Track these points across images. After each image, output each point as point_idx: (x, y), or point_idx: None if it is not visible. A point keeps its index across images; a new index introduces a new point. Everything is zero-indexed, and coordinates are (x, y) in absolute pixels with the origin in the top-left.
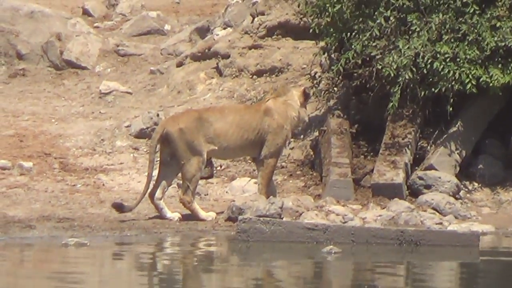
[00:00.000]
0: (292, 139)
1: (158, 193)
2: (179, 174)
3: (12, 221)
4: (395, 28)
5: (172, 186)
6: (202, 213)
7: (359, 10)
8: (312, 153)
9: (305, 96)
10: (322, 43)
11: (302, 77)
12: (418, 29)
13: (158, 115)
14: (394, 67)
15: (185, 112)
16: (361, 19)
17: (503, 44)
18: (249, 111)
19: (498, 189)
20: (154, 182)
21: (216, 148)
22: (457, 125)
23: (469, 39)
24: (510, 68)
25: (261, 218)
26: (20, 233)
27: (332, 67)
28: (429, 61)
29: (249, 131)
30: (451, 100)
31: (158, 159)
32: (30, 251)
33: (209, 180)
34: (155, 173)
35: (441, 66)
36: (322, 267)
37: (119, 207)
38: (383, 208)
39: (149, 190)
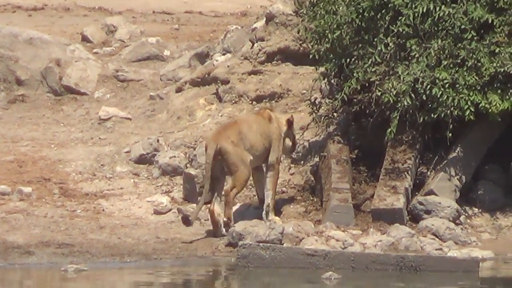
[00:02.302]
0: (292, 165)
1: (218, 209)
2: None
3: (11, 246)
4: (394, 54)
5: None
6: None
7: (358, 36)
8: (312, 178)
9: (289, 124)
10: (322, 69)
11: (302, 103)
12: (417, 55)
13: (158, 140)
14: (394, 93)
15: (226, 127)
16: (360, 45)
17: (502, 70)
18: (261, 119)
19: (498, 214)
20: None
21: (252, 158)
22: (456, 151)
23: (468, 65)
24: (509, 94)
25: (261, 244)
26: (19, 259)
27: (336, 96)
28: (428, 87)
29: (266, 139)
30: (451, 126)
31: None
32: (29, 277)
33: (209, 205)
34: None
35: (440, 92)
36: None
37: (187, 221)
38: (384, 234)
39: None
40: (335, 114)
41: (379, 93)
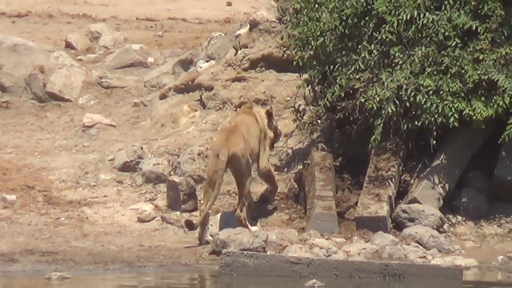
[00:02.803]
0: (276, 172)
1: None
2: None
3: None
4: (378, 61)
5: (157, 219)
6: (252, 228)
7: (342, 43)
8: (296, 186)
9: (269, 115)
10: (305, 76)
11: (285, 110)
12: (401, 62)
13: (142, 148)
14: (377, 100)
15: (232, 131)
16: (344, 52)
17: (485, 77)
18: (253, 120)
19: (481, 222)
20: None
21: (253, 162)
22: (440, 158)
23: (452, 72)
24: (493, 101)
25: (245, 252)
26: (3, 266)
27: (319, 102)
28: (412, 94)
29: (259, 140)
30: (434, 133)
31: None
32: (13, 285)
33: (193, 213)
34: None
35: (424, 99)
36: None
37: (190, 225)
38: (367, 241)
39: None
40: (318, 121)
41: (363, 100)
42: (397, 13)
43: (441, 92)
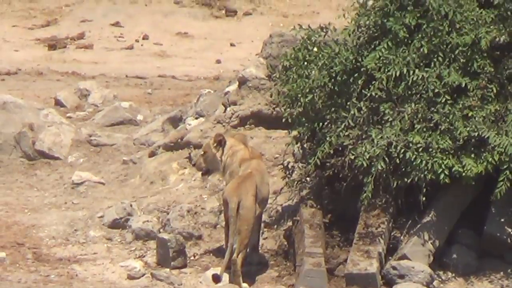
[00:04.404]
0: (265, 229)
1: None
2: None
3: None
4: (367, 118)
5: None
6: (243, 285)
7: (331, 100)
8: (285, 243)
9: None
10: (294, 133)
11: (275, 167)
12: (390, 119)
13: (131, 205)
14: (367, 157)
15: (244, 179)
16: (333, 109)
17: (475, 133)
18: (263, 165)
19: (472, 278)
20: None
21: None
22: (430, 215)
23: (442, 129)
24: (483, 157)
25: None
26: None
27: (309, 160)
28: (402, 150)
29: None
30: (424, 190)
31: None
32: None
33: (183, 270)
34: None
35: (414, 156)
36: None
37: (217, 278)
38: None
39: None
40: (308, 178)
41: (352, 157)
42: (386, 70)
43: (431, 149)
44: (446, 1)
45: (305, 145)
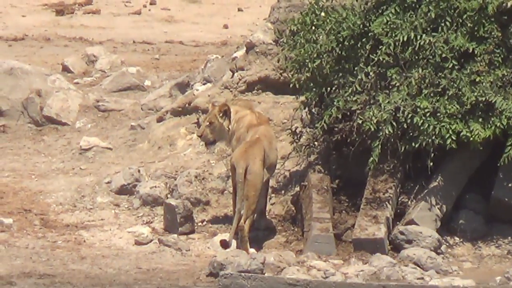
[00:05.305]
0: (273, 195)
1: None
2: None
3: None
4: (375, 83)
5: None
6: (249, 250)
7: (339, 65)
8: (293, 208)
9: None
10: (302, 98)
11: (282, 132)
12: (398, 84)
13: (139, 171)
14: (375, 121)
15: (252, 144)
16: (341, 74)
17: (483, 98)
18: (272, 131)
19: (479, 243)
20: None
21: (266, 176)
22: (437, 180)
23: (449, 94)
24: (490, 122)
25: (243, 274)
26: None
27: (316, 125)
28: (409, 115)
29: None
30: (432, 154)
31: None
32: None
33: (190, 235)
34: None
35: (421, 121)
36: None
37: (226, 245)
38: (365, 263)
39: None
40: (316, 143)
41: (360, 122)
42: (393, 35)
43: (438, 114)
44: None
45: (313, 110)
